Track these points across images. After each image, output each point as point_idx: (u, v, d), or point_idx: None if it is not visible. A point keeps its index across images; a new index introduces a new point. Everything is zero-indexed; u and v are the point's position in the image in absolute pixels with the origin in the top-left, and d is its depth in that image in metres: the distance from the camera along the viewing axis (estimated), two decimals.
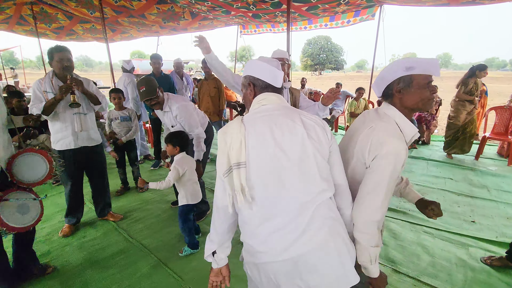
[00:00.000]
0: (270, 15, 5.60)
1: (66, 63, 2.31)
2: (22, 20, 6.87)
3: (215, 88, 4.10)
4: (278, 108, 1.06)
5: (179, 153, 2.32)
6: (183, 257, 2.32)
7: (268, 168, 0.97)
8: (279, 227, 0.97)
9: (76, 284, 2.02)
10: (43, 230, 2.68)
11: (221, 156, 1.01)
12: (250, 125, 1.00)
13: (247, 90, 1.14)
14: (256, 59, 1.15)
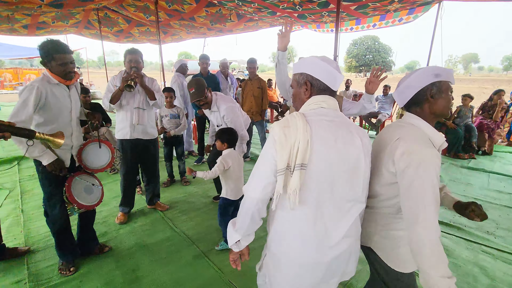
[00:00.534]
0: (316, 15, 5.51)
1: (133, 64, 2.57)
2: (89, 24, 7.67)
3: (258, 88, 4.17)
4: (337, 115, 1.05)
5: (226, 149, 2.41)
6: (221, 250, 2.40)
7: (326, 173, 0.97)
8: (323, 230, 1.01)
9: (128, 264, 2.22)
10: (101, 213, 2.97)
11: (282, 151, 0.95)
12: (316, 127, 0.98)
13: (301, 89, 1.10)
14: (315, 57, 1.09)
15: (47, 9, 5.29)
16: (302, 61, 1.11)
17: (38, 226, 2.72)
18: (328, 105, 1.05)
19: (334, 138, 0.98)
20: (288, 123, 0.99)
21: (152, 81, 2.78)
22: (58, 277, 2.07)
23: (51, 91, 1.86)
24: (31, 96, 1.76)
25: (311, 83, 1.07)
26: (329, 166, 0.97)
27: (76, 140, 2.09)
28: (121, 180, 2.88)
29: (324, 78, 1.05)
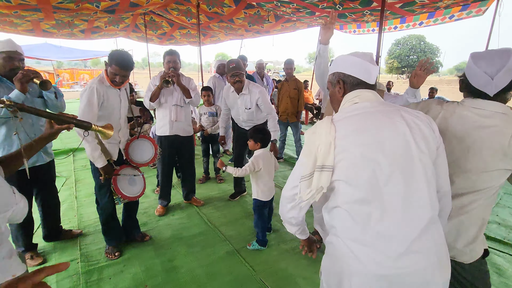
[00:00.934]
0: (357, 14, 5.33)
1: (172, 64, 2.73)
2: (136, 28, 8.23)
3: (295, 90, 4.15)
4: (374, 105, 0.97)
5: (260, 149, 2.44)
6: (252, 250, 2.43)
7: (365, 172, 0.88)
8: (375, 236, 0.88)
9: (166, 254, 2.35)
10: (143, 205, 3.18)
11: (306, 156, 0.96)
12: (342, 126, 0.93)
13: (335, 88, 1.07)
14: (346, 54, 1.07)
15: (101, 14, 5.79)
16: (333, 61, 1.09)
17: (89, 212, 3.00)
18: (362, 98, 0.99)
19: (366, 131, 0.90)
20: (315, 129, 0.98)
21: (189, 80, 2.92)
22: (104, 260, 2.26)
23: (106, 92, 2.06)
24: (93, 97, 1.97)
25: (344, 80, 1.03)
26: (366, 164, 0.88)
27: (123, 135, 2.27)
28: (159, 175, 3.05)
29: (356, 72, 1.01)
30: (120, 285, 2.01)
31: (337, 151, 0.90)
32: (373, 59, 1.03)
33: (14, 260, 1.02)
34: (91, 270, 2.15)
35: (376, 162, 0.88)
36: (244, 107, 2.92)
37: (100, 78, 2.07)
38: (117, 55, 2.01)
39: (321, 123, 0.97)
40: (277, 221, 2.91)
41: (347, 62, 1.03)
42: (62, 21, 6.13)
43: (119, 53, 2.03)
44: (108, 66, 2.03)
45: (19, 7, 4.46)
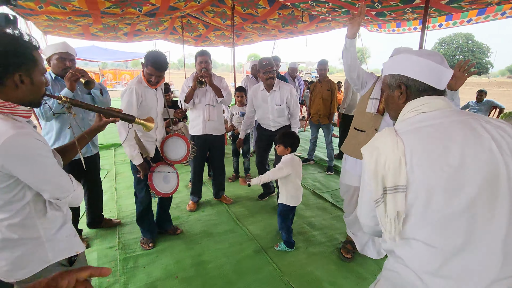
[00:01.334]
0: (397, 12, 5.07)
1: (204, 64, 2.80)
2: (174, 30, 8.60)
3: (328, 91, 4.07)
4: (447, 114, 0.83)
5: (289, 154, 2.39)
6: (284, 251, 2.42)
7: (445, 198, 0.75)
8: (458, 271, 0.77)
9: (196, 248, 2.44)
10: (175, 200, 3.31)
11: (372, 178, 0.83)
12: (410, 139, 0.80)
13: (393, 92, 0.95)
14: (410, 52, 0.91)
15: (143, 18, 6.15)
16: (394, 60, 0.95)
17: (127, 204, 3.20)
18: (430, 107, 0.85)
19: (442, 145, 0.76)
20: (376, 143, 0.84)
21: (220, 79, 2.99)
22: (140, 249, 2.40)
23: (144, 92, 2.19)
24: (132, 98, 2.11)
25: (407, 85, 0.90)
26: (443, 183, 0.75)
27: (160, 133, 2.39)
28: (191, 173, 3.15)
29: (424, 77, 0.87)
30: (153, 274, 2.12)
31: (408, 170, 0.78)
32: (444, 60, 0.88)
33: (77, 238, 1.17)
34: (127, 257, 2.29)
35: (459, 185, 0.75)
36: (275, 104, 2.97)
37: (138, 79, 2.20)
38: (152, 56, 2.10)
39: (382, 137, 0.84)
40: (306, 224, 2.87)
41: (412, 63, 0.88)
42: (108, 25, 6.61)
43: (154, 55, 2.12)
44: (144, 67, 2.14)
45: (72, 13, 4.89)
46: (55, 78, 2.21)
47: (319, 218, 2.98)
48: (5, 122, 0.89)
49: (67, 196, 1.03)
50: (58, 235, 1.07)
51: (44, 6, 4.32)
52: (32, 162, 0.92)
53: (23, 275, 1.01)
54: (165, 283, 2.03)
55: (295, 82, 4.90)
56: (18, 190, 0.95)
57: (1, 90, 0.91)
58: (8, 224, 0.96)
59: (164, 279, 2.07)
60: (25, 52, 0.91)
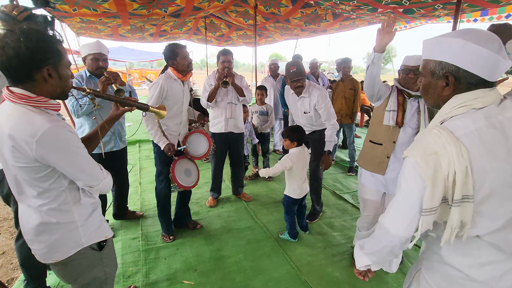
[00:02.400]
0: (427, 8, 4.85)
1: (226, 64, 2.81)
2: (197, 30, 8.78)
3: (351, 90, 3.97)
4: (501, 110, 0.76)
5: (295, 148, 2.39)
6: (301, 250, 2.41)
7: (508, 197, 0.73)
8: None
9: (214, 243, 2.48)
10: (195, 195, 3.39)
11: (433, 187, 0.75)
12: (475, 145, 0.73)
13: (437, 81, 0.84)
14: (465, 39, 0.76)
15: (168, 19, 6.33)
16: (443, 43, 0.81)
17: (150, 197, 3.31)
18: (484, 102, 0.77)
19: (506, 150, 0.73)
20: (431, 147, 0.76)
21: (241, 78, 3.00)
22: (161, 242, 2.48)
23: (171, 86, 2.26)
24: (155, 91, 2.21)
25: (456, 76, 0.79)
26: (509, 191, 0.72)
27: (184, 128, 2.45)
28: (212, 169, 3.20)
29: (477, 69, 0.76)
30: (173, 265, 2.18)
31: (476, 178, 0.73)
32: (502, 48, 0.75)
33: (105, 225, 1.24)
34: (149, 249, 2.38)
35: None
36: (303, 111, 2.69)
37: (167, 74, 2.29)
38: (173, 44, 2.25)
39: (439, 139, 0.75)
40: (325, 224, 2.83)
41: (466, 52, 0.76)
42: (136, 26, 6.88)
43: (173, 43, 2.27)
44: (176, 58, 2.23)
45: (103, 15, 5.14)
46: (89, 76, 2.36)
47: (339, 219, 2.93)
48: (41, 116, 0.95)
49: (98, 184, 1.10)
50: (90, 220, 1.14)
51: (77, 9, 4.57)
52: (68, 153, 0.99)
53: (59, 256, 1.09)
54: (185, 275, 2.09)
55: (319, 81, 4.80)
56: (55, 178, 1.03)
57: (33, 85, 0.96)
58: (48, 209, 1.04)
59: (183, 271, 2.12)
60: (51, 46, 0.96)
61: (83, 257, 1.14)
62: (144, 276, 2.07)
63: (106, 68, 2.36)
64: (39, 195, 1.02)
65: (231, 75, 2.78)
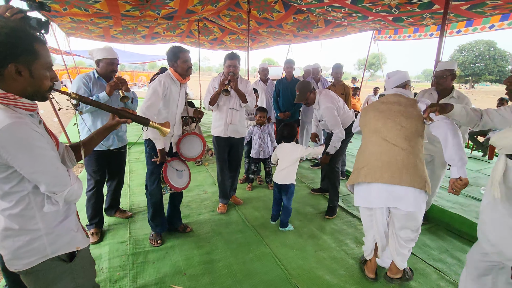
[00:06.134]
0: (415, 17, 4.99)
1: (232, 68, 2.78)
2: (190, 33, 8.78)
3: (342, 95, 4.03)
4: None
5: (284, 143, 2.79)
6: (292, 253, 2.40)
7: None
8: None
9: (205, 246, 2.45)
10: (186, 198, 3.36)
11: None
12: None
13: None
14: None
15: (161, 21, 6.31)
16: None
17: (139, 200, 3.26)
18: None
19: None
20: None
21: (246, 83, 2.98)
22: (149, 245, 2.44)
23: (170, 87, 2.26)
24: (159, 87, 2.21)
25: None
26: None
27: (177, 130, 2.44)
28: (218, 175, 3.13)
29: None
30: (162, 269, 2.14)
31: None
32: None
33: (79, 233, 1.15)
34: (137, 252, 2.33)
35: None
36: (318, 119, 3.12)
37: (167, 74, 2.31)
38: (177, 47, 2.29)
39: None
40: (316, 228, 2.84)
41: None
42: (128, 28, 6.82)
43: (177, 46, 2.32)
44: (176, 61, 2.25)
45: (94, 15, 5.08)
46: (97, 77, 2.44)
47: (330, 222, 2.94)
48: (3, 112, 0.89)
49: (63, 190, 1.01)
50: (59, 229, 1.06)
51: (68, 8, 4.51)
52: (28, 152, 0.91)
53: (22, 266, 1.01)
54: (174, 279, 2.05)
55: (319, 85, 4.80)
56: (17, 181, 0.96)
57: (1, 80, 0.91)
58: (9, 214, 0.98)
59: (172, 275, 2.09)
60: (23, 43, 0.91)
61: (48, 268, 1.05)
62: (132, 281, 2.02)
63: (116, 72, 2.48)
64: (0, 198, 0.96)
65: (235, 80, 2.76)
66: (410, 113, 1.87)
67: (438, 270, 2.21)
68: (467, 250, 2.49)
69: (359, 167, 1.94)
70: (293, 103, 4.42)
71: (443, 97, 2.69)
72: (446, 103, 1.70)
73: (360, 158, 1.98)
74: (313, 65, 4.87)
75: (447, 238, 2.69)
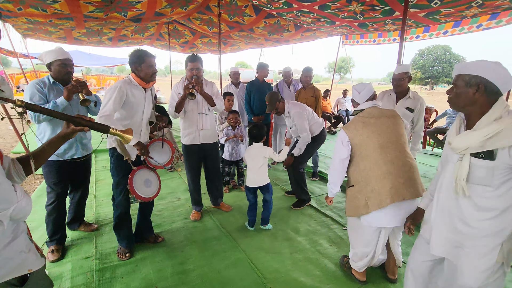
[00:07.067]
0: (379, 23, 5.26)
1: (195, 71, 2.68)
2: (160, 36, 8.56)
3: (312, 97, 4.12)
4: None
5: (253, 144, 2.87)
6: (267, 257, 2.39)
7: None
8: None
9: (178, 256, 2.36)
10: (158, 207, 3.23)
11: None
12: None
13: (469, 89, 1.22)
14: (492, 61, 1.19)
15: (128, 23, 6.08)
16: (476, 64, 1.22)
17: (106, 212, 3.08)
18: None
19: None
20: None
21: (212, 85, 2.88)
22: (117, 259, 2.30)
23: (131, 92, 2.14)
24: (114, 94, 2.05)
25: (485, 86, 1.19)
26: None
27: (144, 137, 2.33)
28: (189, 184, 3.03)
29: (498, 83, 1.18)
30: (131, 285, 2.03)
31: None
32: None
33: (31, 254, 1.04)
34: (104, 268, 2.19)
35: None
36: (290, 126, 3.31)
37: (126, 79, 2.18)
38: (142, 51, 2.18)
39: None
40: (291, 230, 2.85)
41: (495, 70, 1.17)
42: (92, 29, 6.49)
43: (142, 50, 2.20)
44: (141, 65, 2.12)
45: (53, 16, 4.77)
46: (53, 82, 2.25)
47: (304, 224, 2.98)
48: None
49: (7, 208, 0.91)
50: (6, 252, 0.96)
51: (23, 8, 4.19)
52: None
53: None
54: None
55: (290, 88, 4.84)
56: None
57: None
58: None
59: None
60: None
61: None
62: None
63: (73, 74, 2.31)
64: None
65: (199, 83, 2.65)
66: (400, 124, 1.94)
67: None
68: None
69: (378, 188, 1.82)
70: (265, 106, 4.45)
71: (401, 98, 2.87)
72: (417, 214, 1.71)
73: (373, 179, 1.84)
74: (284, 68, 4.95)
75: (416, 233, 2.82)
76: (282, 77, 5.12)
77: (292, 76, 4.99)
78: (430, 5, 3.94)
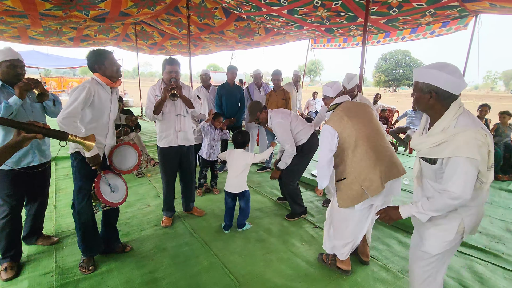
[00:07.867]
0: (344, 29, 5.50)
1: (173, 74, 2.64)
2: (127, 37, 8.23)
3: (283, 100, 4.20)
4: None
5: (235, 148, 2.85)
6: (240, 260, 2.38)
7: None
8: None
9: (147, 265, 2.27)
10: (125, 215, 3.09)
11: (482, 165, 1.25)
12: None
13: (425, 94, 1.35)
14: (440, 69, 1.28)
15: (91, 23, 5.77)
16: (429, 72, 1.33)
17: (68, 223, 2.89)
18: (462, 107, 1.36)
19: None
20: (479, 141, 1.22)
21: (188, 89, 2.85)
22: (80, 273, 2.16)
23: (98, 93, 2.04)
24: (81, 95, 1.94)
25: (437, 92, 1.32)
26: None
27: (110, 140, 2.22)
28: (164, 187, 2.93)
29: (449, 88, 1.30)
30: None
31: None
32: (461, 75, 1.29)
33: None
34: (65, 283, 2.04)
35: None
36: (275, 137, 3.18)
37: (93, 80, 2.07)
38: (102, 50, 2.10)
39: (480, 134, 1.23)
40: (263, 231, 2.87)
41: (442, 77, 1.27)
42: (50, 29, 6.08)
43: (101, 49, 2.12)
44: (103, 63, 2.05)
45: (5, 13, 4.40)
46: (1, 85, 2.08)
47: (276, 224, 3.01)
48: None
49: None
50: None
51: None
52: None
53: None
54: None
55: (260, 91, 4.86)
56: None
57: None
58: None
59: None
60: None
61: None
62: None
63: (24, 75, 2.14)
64: None
65: (179, 87, 2.60)
66: (374, 113, 2.16)
67: (371, 257, 2.43)
68: (396, 236, 2.79)
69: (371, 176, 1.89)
70: (237, 109, 4.45)
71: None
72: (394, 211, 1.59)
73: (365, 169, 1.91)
74: (254, 71, 4.98)
75: (378, 226, 2.97)
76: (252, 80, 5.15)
77: (262, 79, 5.03)
78: (389, 12, 4.21)
